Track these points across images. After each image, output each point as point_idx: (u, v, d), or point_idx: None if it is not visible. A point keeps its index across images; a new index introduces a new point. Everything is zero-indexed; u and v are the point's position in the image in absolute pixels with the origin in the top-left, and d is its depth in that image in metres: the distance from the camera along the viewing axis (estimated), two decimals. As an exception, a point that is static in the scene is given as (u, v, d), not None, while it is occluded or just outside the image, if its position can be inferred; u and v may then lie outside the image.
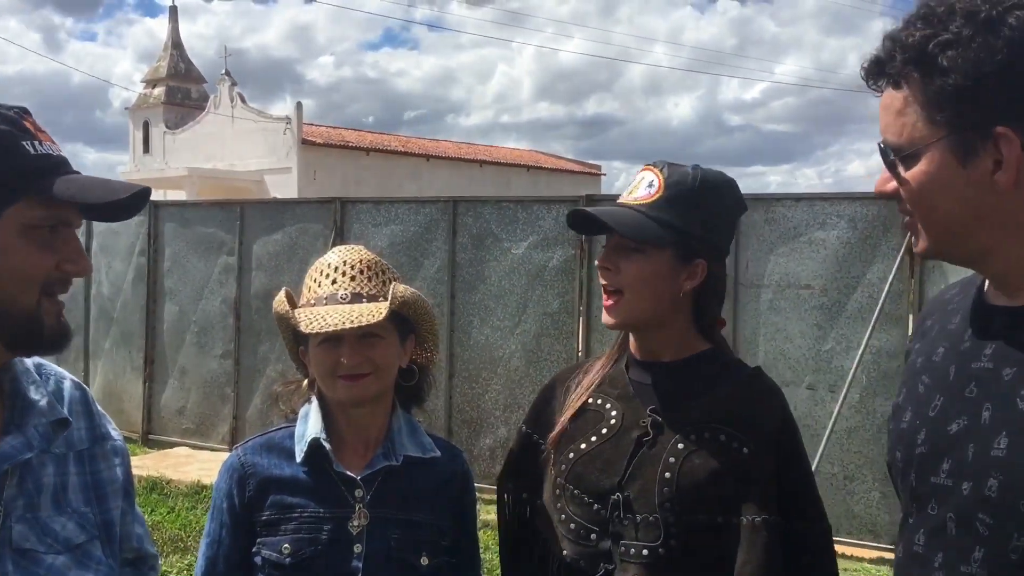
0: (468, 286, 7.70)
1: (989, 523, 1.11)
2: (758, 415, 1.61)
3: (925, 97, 1.13)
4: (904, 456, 1.27)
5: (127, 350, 9.59)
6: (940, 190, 1.15)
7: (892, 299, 6.16)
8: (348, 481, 1.72)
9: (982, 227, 1.15)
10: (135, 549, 1.58)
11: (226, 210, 9.07)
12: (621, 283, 1.62)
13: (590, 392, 1.71)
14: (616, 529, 1.57)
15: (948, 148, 1.13)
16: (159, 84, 35.65)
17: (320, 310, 1.69)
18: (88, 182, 1.33)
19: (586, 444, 1.65)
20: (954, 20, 1.10)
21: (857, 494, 6.30)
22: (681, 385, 1.64)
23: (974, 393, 1.17)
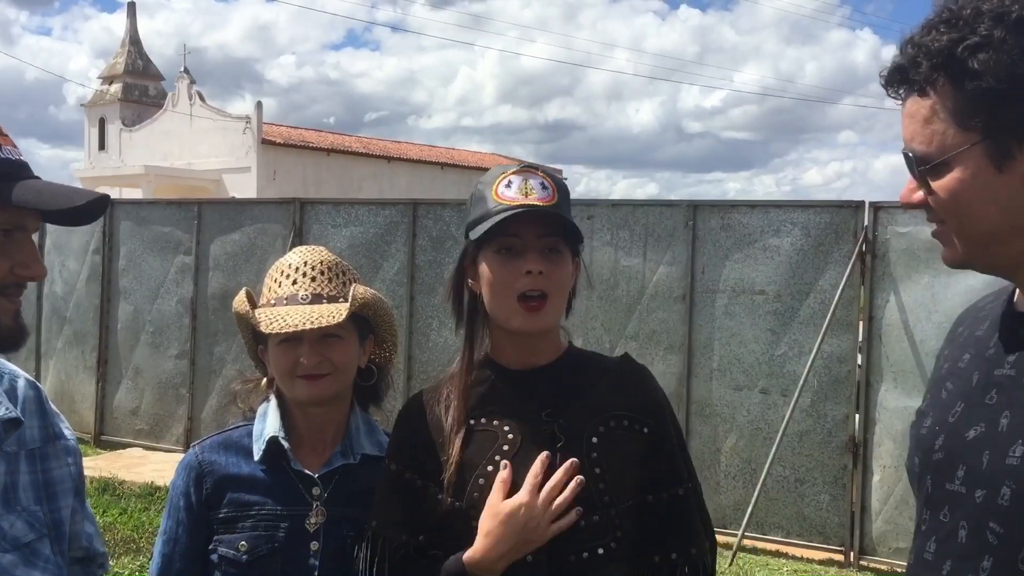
0: (427, 288, 7.71)
1: (999, 532, 1.08)
2: (646, 395, 1.67)
3: (956, 103, 1.10)
4: (922, 461, 1.25)
5: (80, 350, 9.46)
6: (976, 198, 1.11)
7: (843, 305, 6.28)
8: (305, 479, 1.74)
9: (1017, 234, 1.12)
10: (85, 548, 1.58)
11: (183, 209, 8.99)
12: (548, 286, 1.57)
13: (465, 415, 1.62)
14: (556, 542, 1.53)
15: (983, 153, 1.10)
16: (116, 81, 35.11)
17: (280, 310, 1.70)
18: (46, 188, 1.33)
19: (493, 466, 1.57)
20: (982, 22, 1.08)
21: (807, 497, 6.42)
22: (564, 385, 1.64)
23: (994, 400, 1.15)
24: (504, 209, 1.57)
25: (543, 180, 1.62)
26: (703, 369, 6.72)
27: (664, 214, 6.91)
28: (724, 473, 6.65)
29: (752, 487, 6.30)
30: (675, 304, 6.85)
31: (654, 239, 6.93)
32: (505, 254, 1.58)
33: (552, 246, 1.59)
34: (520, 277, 1.56)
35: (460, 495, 1.58)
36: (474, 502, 1.56)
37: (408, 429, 1.70)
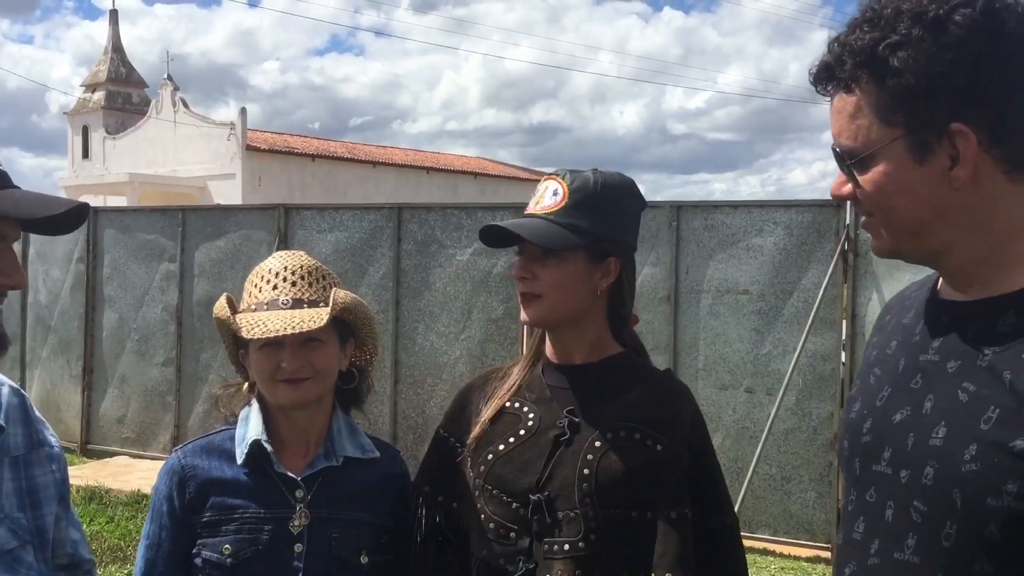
0: (413, 292, 7.72)
1: (923, 510, 1.13)
2: (670, 415, 1.68)
3: (878, 99, 1.14)
4: (850, 444, 1.30)
5: (65, 358, 9.41)
6: (898, 190, 1.16)
7: (826, 304, 6.33)
8: (289, 482, 1.74)
9: (940, 225, 1.16)
10: (70, 555, 1.58)
11: (168, 216, 8.97)
12: (539, 288, 1.68)
13: (508, 396, 1.76)
14: (537, 528, 1.62)
15: (904, 148, 1.14)
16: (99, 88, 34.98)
17: (261, 315, 1.71)
18: (24, 197, 1.34)
19: (504, 446, 1.69)
20: (902, 21, 1.12)
21: (794, 494, 6.46)
22: (595, 387, 1.70)
23: (919, 384, 1.19)
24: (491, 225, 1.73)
25: (558, 186, 1.70)
26: (688, 369, 6.76)
27: (648, 215, 6.89)
28: (711, 472, 6.67)
29: (739, 486, 6.33)
30: (660, 305, 6.88)
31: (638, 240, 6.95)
32: (516, 258, 1.74)
33: (541, 253, 1.68)
34: (519, 281, 1.72)
35: (474, 465, 1.73)
36: (479, 474, 1.70)
37: (459, 403, 1.86)
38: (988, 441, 1.06)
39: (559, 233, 1.65)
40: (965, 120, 1.11)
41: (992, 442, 1.06)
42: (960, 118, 1.11)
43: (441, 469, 1.81)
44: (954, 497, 1.09)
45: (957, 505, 1.08)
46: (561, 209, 1.67)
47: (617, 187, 1.73)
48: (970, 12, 1.10)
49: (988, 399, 1.09)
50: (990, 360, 1.11)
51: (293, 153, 31.08)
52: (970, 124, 1.11)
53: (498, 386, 1.79)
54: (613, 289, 1.72)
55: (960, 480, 1.08)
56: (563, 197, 1.68)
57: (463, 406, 1.84)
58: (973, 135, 1.11)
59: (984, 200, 1.14)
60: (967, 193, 1.13)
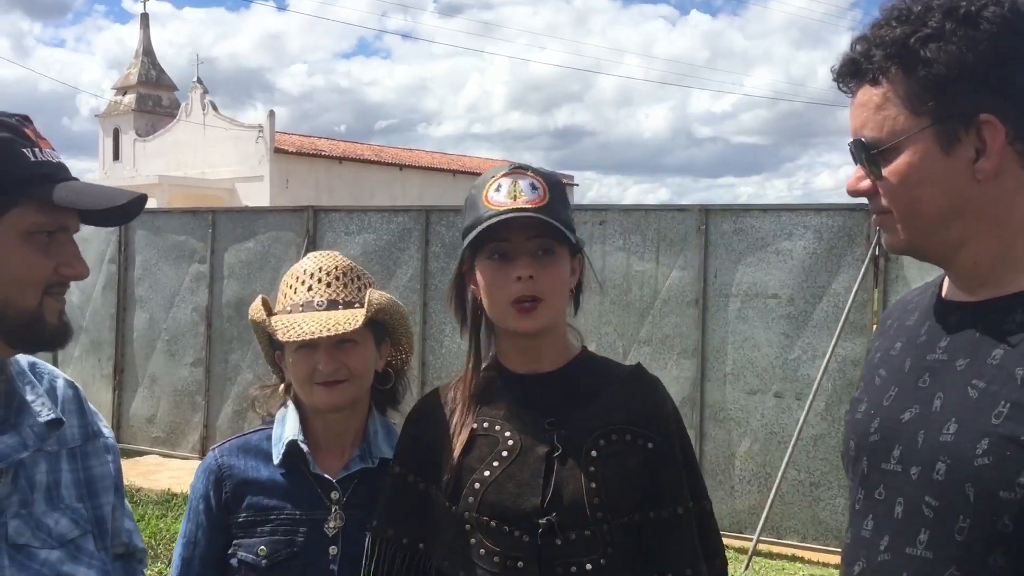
0: (440, 295, 7.71)
1: (935, 506, 1.14)
2: (652, 410, 1.63)
3: (907, 89, 1.16)
4: (857, 444, 1.31)
5: (96, 358, 9.52)
6: (924, 181, 1.17)
7: (857, 308, 6.27)
8: (324, 483, 1.75)
9: (959, 219, 1.18)
10: (125, 544, 1.61)
11: (198, 218, 9.05)
12: (540, 290, 1.56)
13: (471, 419, 1.63)
14: (548, 553, 1.52)
15: (932, 137, 1.16)
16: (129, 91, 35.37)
17: (297, 317, 1.71)
18: (86, 188, 1.37)
19: (490, 471, 1.57)
20: (933, 16, 1.15)
21: (823, 500, 6.40)
22: (568, 393, 1.62)
23: (927, 383, 1.21)
24: (493, 215, 1.56)
25: (533, 180, 1.60)
26: (716, 373, 6.72)
27: (676, 219, 6.92)
28: (739, 477, 6.64)
29: (767, 491, 6.29)
30: (688, 308, 6.85)
31: (666, 244, 6.94)
32: (497, 259, 1.58)
33: (545, 247, 1.57)
34: (512, 283, 1.56)
35: (456, 498, 1.59)
36: (468, 506, 1.57)
37: (414, 432, 1.71)
38: (1000, 435, 1.09)
39: (562, 228, 1.57)
40: (993, 112, 1.13)
41: (1004, 436, 1.08)
42: (988, 109, 1.13)
43: (404, 509, 1.66)
44: (967, 491, 1.10)
45: (970, 499, 1.10)
46: (546, 204, 1.56)
47: (563, 184, 1.67)
48: (999, 9, 1.14)
49: (999, 395, 1.11)
50: (1000, 357, 1.13)
51: (320, 156, 31.26)
52: (999, 116, 1.13)
53: (455, 409, 1.66)
54: (576, 289, 1.67)
55: (973, 474, 1.10)
56: (544, 192, 1.58)
57: (414, 436, 1.70)
58: (1002, 126, 1.13)
59: (1004, 194, 1.17)
60: (989, 186, 1.16)
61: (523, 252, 1.57)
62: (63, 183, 1.34)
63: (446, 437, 1.64)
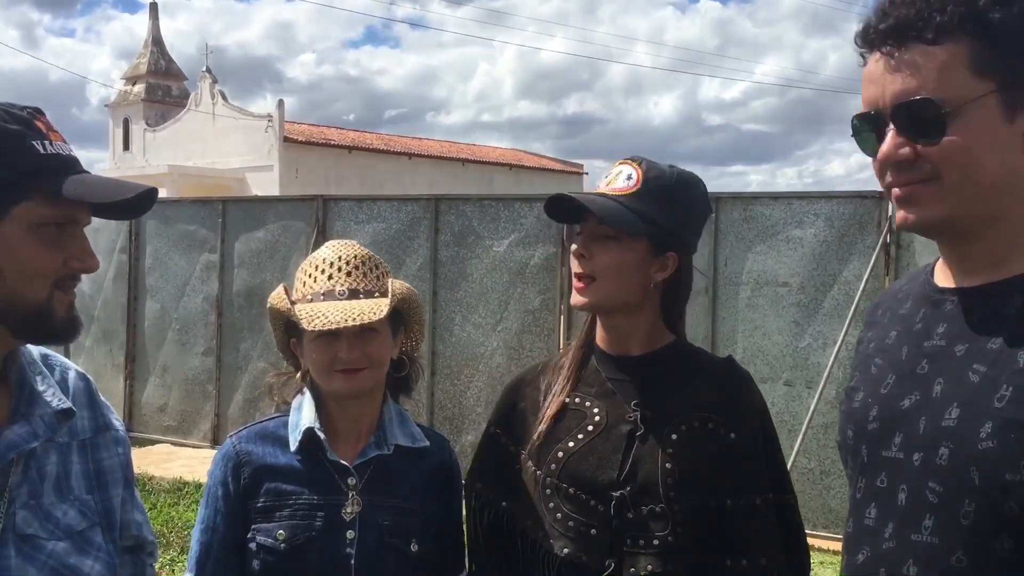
0: (450, 283, 7.74)
1: (939, 491, 1.14)
2: (739, 402, 1.68)
3: (974, 52, 1.13)
4: (855, 433, 1.31)
5: (108, 347, 9.57)
6: (986, 147, 1.13)
7: (867, 296, 6.25)
8: (341, 469, 1.76)
9: (1004, 190, 1.16)
10: (134, 536, 1.61)
11: (208, 207, 9.07)
12: (595, 270, 1.66)
13: (567, 392, 1.73)
14: (620, 524, 1.60)
15: (996, 104, 1.13)
16: (139, 81, 35.41)
17: (320, 306, 1.72)
18: (97, 182, 1.36)
19: (574, 443, 1.67)
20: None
21: (833, 488, 6.40)
22: (658, 378, 1.69)
23: (926, 370, 1.21)
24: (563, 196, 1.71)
25: (633, 170, 1.68)
26: (727, 361, 6.71)
27: (686, 207, 6.90)
28: (749, 465, 6.64)
29: (777, 479, 6.29)
30: (698, 296, 6.84)
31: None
32: (570, 238, 1.73)
33: (606, 233, 1.65)
34: (575, 259, 1.69)
35: (541, 464, 1.69)
36: (551, 472, 1.67)
37: (513, 397, 1.83)
38: (1004, 418, 1.09)
39: (627, 216, 1.63)
40: None
41: (1008, 419, 1.08)
42: None
43: (494, 467, 1.80)
44: (972, 475, 1.10)
45: (975, 483, 1.10)
46: (633, 193, 1.65)
47: (692, 185, 1.71)
48: None
49: (1001, 378, 1.11)
50: (1001, 341, 1.13)
51: (330, 145, 31.28)
52: None
53: (554, 381, 1.76)
54: (668, 285, 1.70)
55: (977, 458, 1.10)
56: (636, 182, 1.66)
57: (514, 402, 1.82)
58: None
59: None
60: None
61: (584, 232, 1.68)
62: (73, 176, 1.33)
63: (539, 406, 1.75)
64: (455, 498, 1.90)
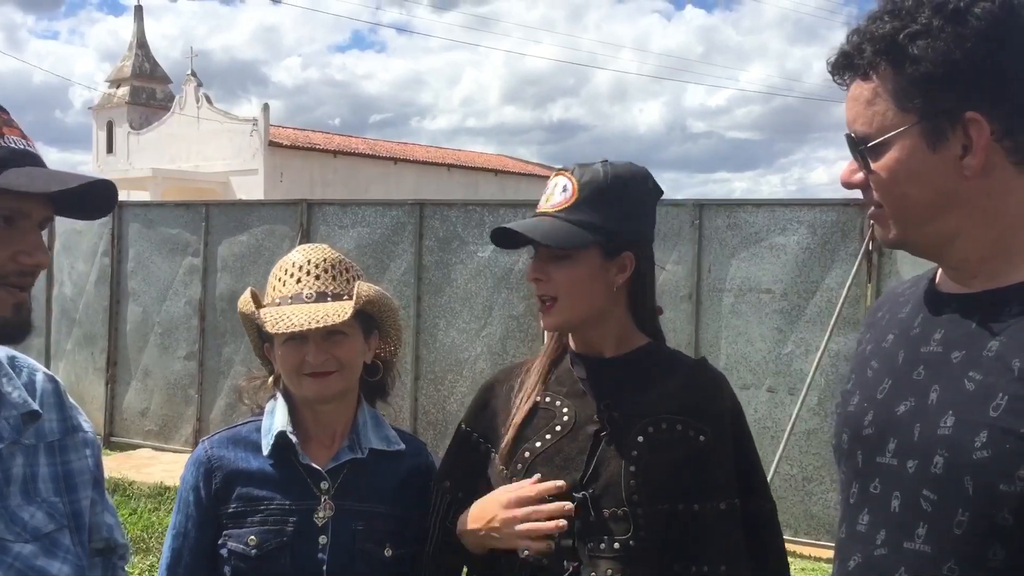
0: (434, 289, 7.73)
1: (933, 499, 1.13)
2: (709, 403, 1.66)
3: (896, 86, 1.17)
4: (851, 437, 1.30)
5: (89, 351, 9.50)
6: (911, 176, 1.18)
7: (850, 304, 6.28)
8: (314, 473, 1.75)
9: (948, 214, 1.18)
10: (105, 539, 1.59)
11: (191, 211, 9.03)
12: (555, 291, 1.65)
13: (538, 391, 1.72)
14: (582, 526, 1.58)
15: (919, 134, 1.16)
16: (123, 84, 35.24)
17: (286, 309, 1.71)
18: (40, 173, 1.31)
19: (541, 443, 1.66)
20: (923, 12, 1.15)
21: (815, 495, 6.42)
22: (628, 379, 1.67)
23: (922, 376, 1.20)
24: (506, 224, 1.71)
25: (567, 181, 1.66)
26: (710, 368, 6.72)
27: (670, 213, 6.92)
28: (731, 472, 6.65)
29: (759, 485, 6.30)
30: (682, 303, 6.85)
31: (660, 238, 6.93)
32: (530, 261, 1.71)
33: (558, 252, 1.64)
34: (534, 283, 1.69)
35: (509, 463, 1.68)
36: (517, 472, 1.66)
37: (486, 396, 1.82)
38: (999, 428, 1.08)
39: (569, 231, 1.62)
40: (979, 110, 1.13)
41: (1003, 429, 1.08)
42: (974, 107, 1.13)
43: (463, 465, 1.78)
44: (965, 484, 1.10)
45: (969, 492, 1.09)
46: (571, 205, 1.64)
47: (628, 178, 1.67)
48: (989, 5, 1.14)
49: (996, 387, 1.10)
50: (997, 349, 1.13)
51: (315, 149, 31.20)
52: (984, 114, 1.13)
53: (525, 380, 1.75)
54: (632, 283, 1.68)
55: (971, 467, 1.09)
56: (573, 193, 1.64)
57: (486, 401, 1.81)
58: (987, 124, 1.13)
59: (993, 190, 1.17)
60: (977, 182, 1.16)
61: (540, 256, 1.67)
62: (15, 168, 1.28)
63: (512, 405, 1.73)
64: None
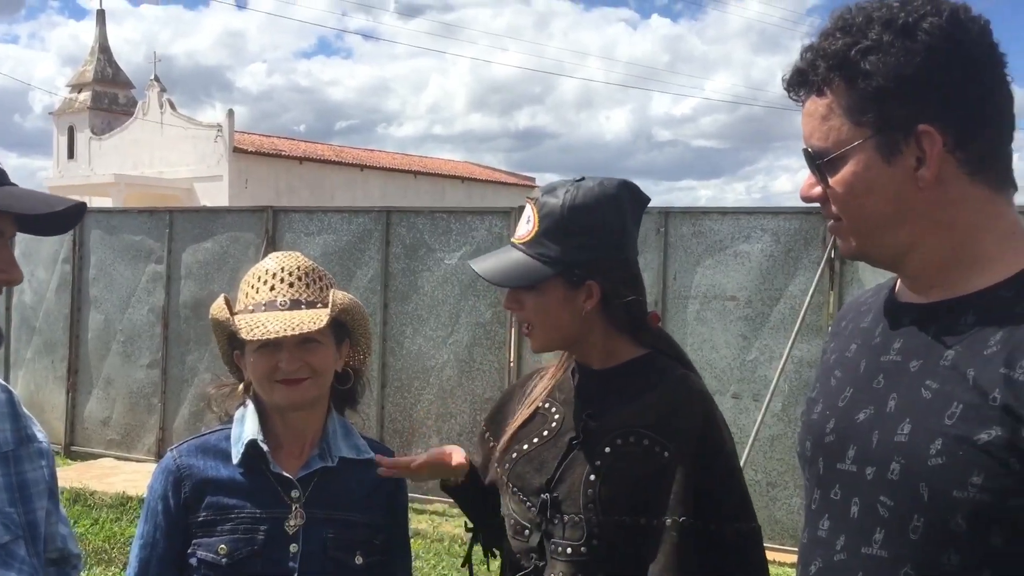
0: (401, 296, 7.72)
1: (890, 505, 1.16)
2: (680, 419, 1.63)
3: (849, 101, 1.19)
4: (813, 444, 1.33)
5: (50, 360, 9.36)
6: (868, 189, 1.20)
7: (813, 311, 6.36)
8: (284, 482, 1.75)
9: (905, 224, 1.21)
10: (60, 549, 1.59)
11: (155, 218, 8.94)
12: (528, 318, 1.71)
13: (543, 396, 1.79)
14: (547, 527, 1.65)
15: (873, 147, 1.18)
16: (85, 89, 34.81)
17: (260, 316, 1.71)
18: (25, 194, 1.34)
19: (528, 445, 1.74)
20: (873, 28, 1.18)
21: (780, 500, 6.48)
22: (613, 391, 1.70)
23: (881, 384, 1.23)
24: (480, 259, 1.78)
25: (530, 212, 1.70)
26: (676, 375, 6.77)
27: (636, 221, 6.96)
28: (697, 478, 6.70)
29: (725, 491, 6.34)
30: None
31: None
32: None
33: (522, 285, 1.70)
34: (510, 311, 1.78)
35: (501, 460, 1.79)
36: (504, 471, 1.77)
37: (504, 398, 1.94)
38: (953, 435, 1.10)
39: (528, 268, 1.66)
40: (931, 122, 1.16)
41: (957, 436, 1.10)
42: (927, 120, 1.16)
43: (480, 463, 1.89)
44: (921, 491, 1.12)
45: (924, 498, 1.12)
46: (532, 239, 1.67)
47: (588, 206, 1.65)
48: (937, 20, 1.16)
49: (951, 395, 1.13)
50: (952, 358, 1.15)
51: (280, 155, 31.02)
52: (936, 126, 1.16)
53: (536, 384, 1.84)
54: (604, 307, 1.68)
55: (927, 474, 1.12)
56: (534, 224, 1.67)
57: (504, 403, 1.92)
58: (939, 136, 1.16)
59: (948, 200, 1.19)
60: (932, 193, 1.18)
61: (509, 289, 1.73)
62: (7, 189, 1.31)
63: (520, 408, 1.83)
64: (401, 510, 1.90)
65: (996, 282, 1.18)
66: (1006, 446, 1.06)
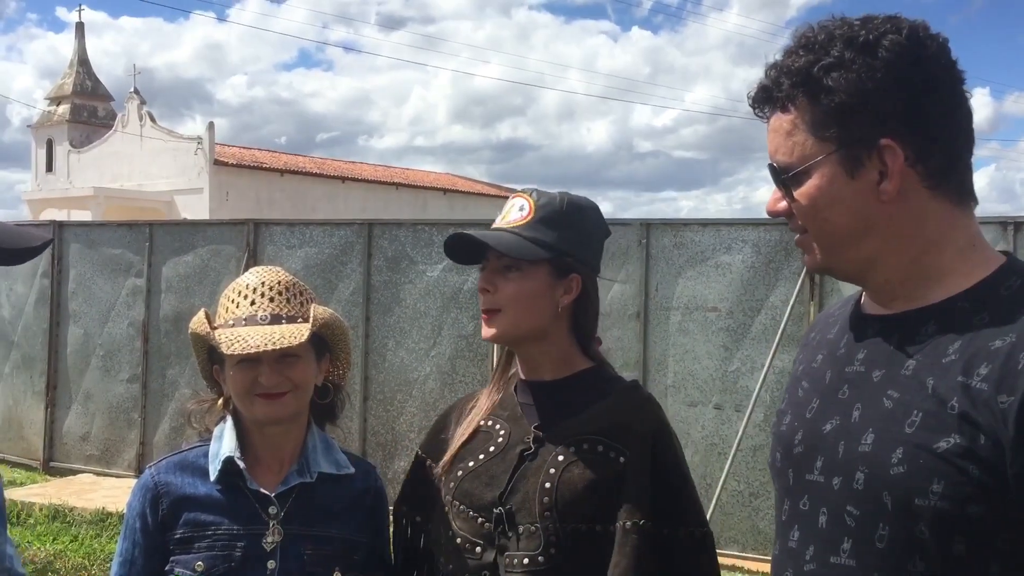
0: (383, 308, 7.70)
1: (856, 515, 1.18)
2: (633, 425, 1.66)
3: (813, 116, 1.22)
4: (783, 455, 1.35)
5: (28, 375, 9.28)
6: (831, 203, 1.22)
7: (794, 321, 6.40)
8: (262, 498, 1.74)
9: (869, 238, 1.23)
10: (6, 569, 1.58)
11: (135, 231, 8.89)
12: (499, 302, 1.70)
13: (483, 415, 1.78)
14: (500, 541, 1.63)
15: (837, 162, 1.21)
16: (64, 101, 34.61)
17: (241, 331, 1.71)
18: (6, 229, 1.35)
19: (474, 462, 1.72)
20: (835, 45, 1.20)
21: (762, 510, 6.50)
22: (562, 402, 1.71)
23: (846, 394, 1.25)
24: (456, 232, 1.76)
25: (524, 201, 1.73)
26: (658, 386, 6.79)
27: (618, 232, 6.98)
28: (680, 489, 6.71)
29: (707, 502, 6.36)
30: (630, 322, 6.92)
31: (608, 257, 7.00)
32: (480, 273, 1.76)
33: (508, 264, 1.69)
34: (481, 294, 1.73)
35: (444, 479, 1.76)
36: (450, 490, 1.73)
37: (442, 422, 1.89)
38: (913, 444, 1.12)
39: (522, 244, 1.68)
40: (893, 136, 1.19)
41: (917, 445, 1.12)
42: (888, 134, 1.19)
43: (417, 488, 1.84)
44: (884, 500, 1.14)
45: (888, 507, 1.14)
46: (527, 224, 1.70)
47: (583, 208, 1.75)
48: (897, 38, 1.19)
49: (911, 404, 1.15)
50: (913, 368, 1.18)
51: (261, 168, 30.95)
52: (898, 140, 1.18)
53: (474, 406, 1.82)
54: (576, 306, 1.73)
55: (890, 483, 1.14)
56: (529, 212, 1.71)
57: (442, 427, 1.87)
58: (901, 150, 1.19)
59: (909, 213, 1.22)
60: (894, 206, 1.21)
61: (488, 268, 1.72)
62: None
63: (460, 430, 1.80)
64: (382, 525, 1.88)
65: (956, 293, 1.20)
66: (964, 454, 1.08)
